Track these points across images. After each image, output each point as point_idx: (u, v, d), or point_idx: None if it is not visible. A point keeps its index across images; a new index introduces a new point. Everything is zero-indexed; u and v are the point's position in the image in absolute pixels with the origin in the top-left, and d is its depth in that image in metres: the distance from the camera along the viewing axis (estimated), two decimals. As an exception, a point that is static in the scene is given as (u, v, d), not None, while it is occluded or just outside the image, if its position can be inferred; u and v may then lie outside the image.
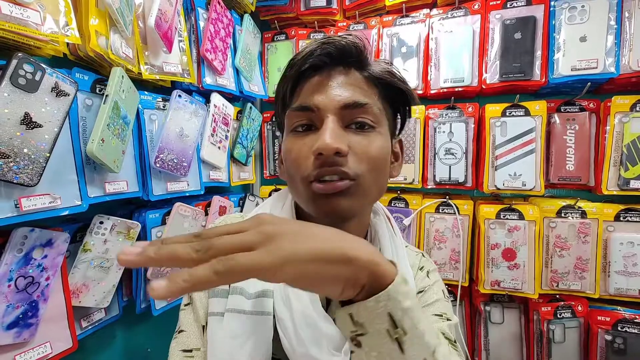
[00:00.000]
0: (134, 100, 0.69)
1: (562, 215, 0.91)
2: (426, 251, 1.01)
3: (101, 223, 0.65)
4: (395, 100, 0.45)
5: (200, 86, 0.88)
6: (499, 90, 0.98)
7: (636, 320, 0.84)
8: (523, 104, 0.93)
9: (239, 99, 1.09)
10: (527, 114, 0.93)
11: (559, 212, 0.91)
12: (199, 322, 0.44)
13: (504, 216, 0.93)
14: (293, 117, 0.41)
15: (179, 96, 0.79)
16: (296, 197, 0.43)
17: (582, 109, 0.92)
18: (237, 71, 1.03)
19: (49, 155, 0.52)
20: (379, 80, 0.42)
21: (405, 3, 1.04)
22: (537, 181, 0.92)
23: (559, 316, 0.91)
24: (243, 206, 1.10)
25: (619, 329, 0.85)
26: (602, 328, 0.87)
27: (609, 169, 0.87)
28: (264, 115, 1.22)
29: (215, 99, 0.93)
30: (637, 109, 0.85)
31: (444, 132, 1.00)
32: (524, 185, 0.92)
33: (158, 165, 0.73)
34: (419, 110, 1.02)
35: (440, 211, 1.00)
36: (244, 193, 1.14)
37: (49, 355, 0.57)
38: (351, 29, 1.11)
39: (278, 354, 0.41)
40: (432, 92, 1.02)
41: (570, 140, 0.92)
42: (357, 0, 1.09)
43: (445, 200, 1.00)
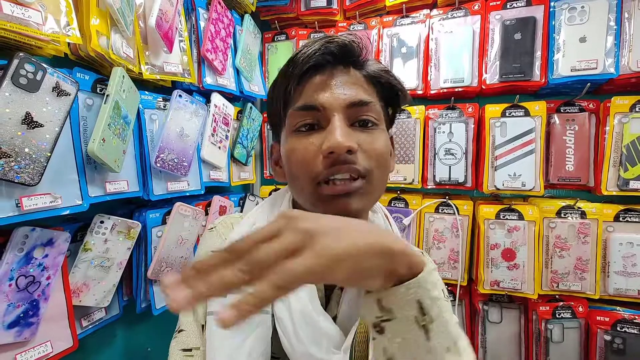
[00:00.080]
0: (135, 100, 0.69)
1: (562, 215, 0.91)
2: (425, 250, 1.01)
3: (102, 222, 0.65)
4: (389, 98, 0.45)
5: (201, 86, 0.88)
6: (498, 91, 0.99)
7: (635, 321, 0.84)
8: (523, 104, 0.93)
9: (239, 99, 1.10)
10: (526, 114, 0.93)
11: (558, 213, 0.91)
12: (198, 321, 0.44)
13: (503, 216, 0.93)
14: (297, 116, 0.40)
15: (180, 96, 0.79)
16: (300, 198, 0.42)
17: (581, 110, 0.92)
18: (238, 71, 1.03)
19: (50, 154, 0.52)
20: (376, 78, 0.43)
21: (406, 3, 1.04)
22: (536, 181, 0.92)
23: (557, 316, 0.91)
24: (243, 206, 1.10)
25: (618, 329, 0.85)
26: (602, 328, 0.87)
27: (609, 169, 0.87)
28: (264, 115, 1.22)
29: (216, 99, 0.93)
30: (637, 109, 0.85)
31: (443, 132, 1.00)
32: (524, 185, 0.92)
33: (158, 165, 0.74)
34: (419, 111, 1.02)
35: (439, 211, 1.01)
36: (244, 193, 1.15)
37: (49, 354, 0.57)
38: (351, 29, 1.11)
39: (277, 352, 0.41)
40: (432, 92, 1.02)
41: (570, 140, 0.92)
42: (357, 1, 1.09)
43: (445, 201, 1.00)
